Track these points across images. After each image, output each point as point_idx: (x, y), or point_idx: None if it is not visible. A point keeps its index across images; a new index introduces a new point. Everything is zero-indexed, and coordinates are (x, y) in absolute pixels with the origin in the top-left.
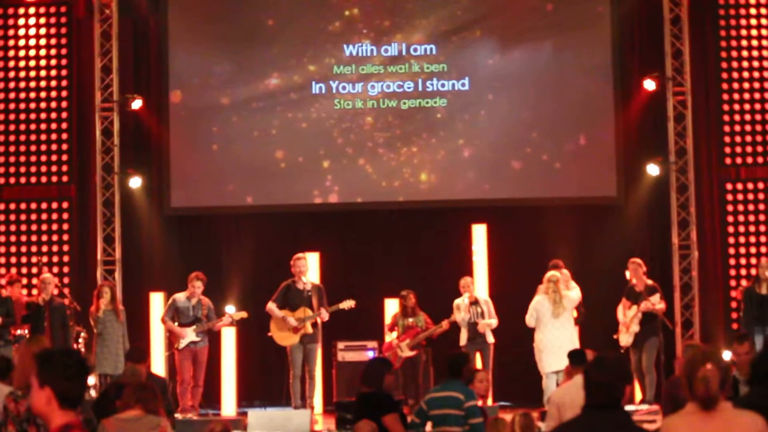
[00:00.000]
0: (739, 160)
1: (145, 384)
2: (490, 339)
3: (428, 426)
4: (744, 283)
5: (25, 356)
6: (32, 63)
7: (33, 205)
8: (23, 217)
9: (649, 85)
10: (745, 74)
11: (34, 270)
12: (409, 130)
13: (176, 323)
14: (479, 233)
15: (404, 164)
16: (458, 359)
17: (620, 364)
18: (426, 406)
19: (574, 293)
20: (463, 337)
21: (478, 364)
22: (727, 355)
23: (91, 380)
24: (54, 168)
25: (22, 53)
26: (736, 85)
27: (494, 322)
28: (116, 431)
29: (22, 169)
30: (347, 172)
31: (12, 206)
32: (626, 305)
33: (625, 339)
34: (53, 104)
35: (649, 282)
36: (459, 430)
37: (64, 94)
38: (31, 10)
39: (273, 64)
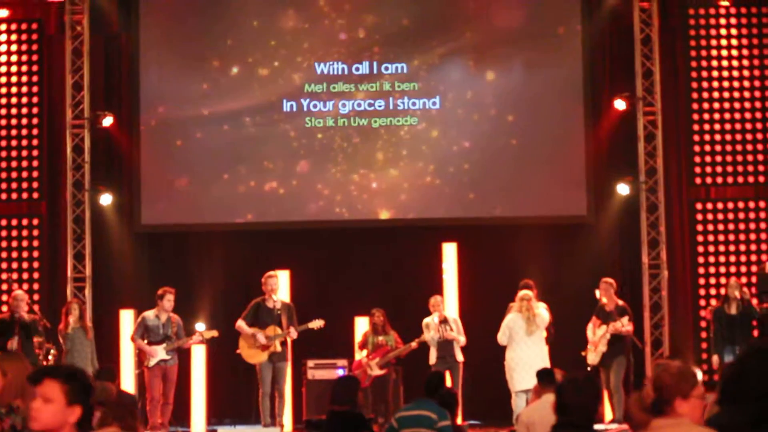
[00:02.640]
0: (708, 180)
1: (122, 401)
2: (460, 357)
3: None
4: (714, 302)
5: (18, 372)
6: (3, 79)
7: (3, 222)
8: None
9: (620, 104)
10: (715, 94)
11: (4, 287)
12: (379, 149)
13: (146, 341)
14: (450, 252)
15: (375, 182)
16: (434, 379)
17: (592, 384)
18: (397, 423)
19: (545, 313)
20: (433, 356)
21: (448, 383)
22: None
23: None
24: (24, 185)
25: None
26: (706, 105)
27: (462, 339)
28: None
29: None
30: (318, 190)
31: None
32: (596, 324)
33: (592, 357)
34: (24, 121)
35: (620, 302)
36: None
37: (35, 110)
38: (2, 27)
39: (244, 81)
